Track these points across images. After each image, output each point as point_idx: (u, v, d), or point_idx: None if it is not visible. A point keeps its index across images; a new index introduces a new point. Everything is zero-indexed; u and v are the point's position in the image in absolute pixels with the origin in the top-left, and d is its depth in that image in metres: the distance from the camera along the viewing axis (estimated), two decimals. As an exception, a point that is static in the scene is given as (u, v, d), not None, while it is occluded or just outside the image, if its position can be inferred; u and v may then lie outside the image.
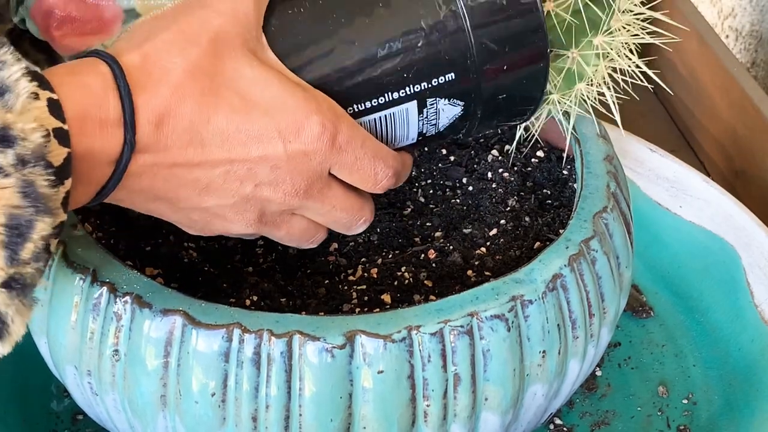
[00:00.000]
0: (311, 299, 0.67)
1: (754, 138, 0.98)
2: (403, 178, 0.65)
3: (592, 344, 0.67)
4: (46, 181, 0.52)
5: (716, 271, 0.85)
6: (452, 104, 0.62)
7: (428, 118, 0.63)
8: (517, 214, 0.72)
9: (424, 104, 0.62)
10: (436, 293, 0.67)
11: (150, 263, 0.69)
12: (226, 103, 0.58)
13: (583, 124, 0.73)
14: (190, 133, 0.57)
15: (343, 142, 0.60)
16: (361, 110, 0.62)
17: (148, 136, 0.56)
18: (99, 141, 0.55)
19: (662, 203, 0.89)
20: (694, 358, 0.82)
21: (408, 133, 0.63)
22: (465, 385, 0.62)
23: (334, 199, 0.62)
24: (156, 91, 0.56)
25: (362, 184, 0.63)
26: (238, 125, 0.58)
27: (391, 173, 0.63)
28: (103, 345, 0.63)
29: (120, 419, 0.65)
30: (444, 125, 0.63)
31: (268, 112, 0.58)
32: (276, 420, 0.61)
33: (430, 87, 0.61)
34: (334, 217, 0.63)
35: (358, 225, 0.65)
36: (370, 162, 0.62)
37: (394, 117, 0.62)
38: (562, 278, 0.64)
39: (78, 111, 0.55)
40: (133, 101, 0.56)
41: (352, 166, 0.61)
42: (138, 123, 0.56)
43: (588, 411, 0.77)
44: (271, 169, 0.59)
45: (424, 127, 0.63)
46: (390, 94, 0.61)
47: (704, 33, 1.06)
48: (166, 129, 0.57)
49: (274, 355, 0.60)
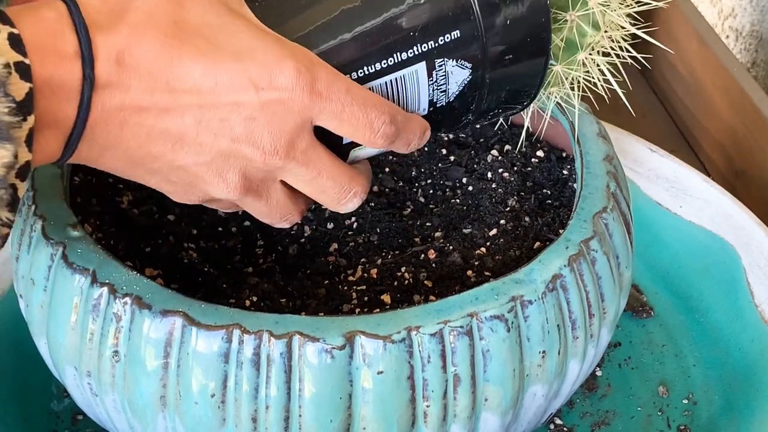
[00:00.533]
0: (311, 300, 0.67)
1: (754, 138, 0.98)
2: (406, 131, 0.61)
3: (592, 344, 0.67)
4: (7, 108, 0.52)
5: (716, 271, 0.85)
6: (460, 66, 0.62)
7: (438, 83, 0.62)
8: (517, 214, 0.72)
9: (432, 66, 0.61)
10: (435, 293, 0.67)
11: (150, 264, 0.69)
12: (192, 45, 0.56)
13: (583, 123, 0.73)
14: (153, 75, 0.56)
15: (323, 88, 0.57)
16: (370, 73, 0.60)
17: (108, 73, 0.55)
18: (58, 73, 0.54)
19: (662, 203, 0.89)
20: (694, 358, 0.82)
21: (419, 100, 0.62)
22: (465, 385, 0.62)
23: (320, 164, 0.60)
24: (114, 28, 0.55)
25: (357, 135, 0.60)
26: (205, 69, 0.56)
27: (387, 119, 0.59)
28: (103, 346, 0.63)
29: (120, 420, 0.65)
30: (454, 93, 0.63)
31: (238, 57, 0.57)
32: (276, 421, 0.61)
33: (437, 46, 0.61)
34: (321, 186, 0.60)
35: (347, 199, 0.62)
36: (360, 108, 0.59)
37: (404, 80, 0.61)
38: (561, 278, 0.64)
39: (35, 43, 0.54)
40: (90, 37, 0.55)
41: (340, 114, 0.58)
42: (97, 58, 0.55)
43: (588, 411, 0.77)
44: (245, 121, 0.57)
45: (435, 95, 0.62)
46: (398, 55, 0.60)
47: (704, 33, 1.06)
48: (128, 68, 0.55)
49: (274, 356, 0.60)
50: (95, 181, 0.73)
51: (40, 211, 0.66)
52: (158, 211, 0.73)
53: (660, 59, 1.12)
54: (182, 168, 0.59)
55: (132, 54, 0.55)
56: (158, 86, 0.56)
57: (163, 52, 0.56)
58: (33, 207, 0.67)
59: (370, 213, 0.73)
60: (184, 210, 0.73)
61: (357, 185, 0.61)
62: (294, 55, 0.57)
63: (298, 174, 0.60)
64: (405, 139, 0.62)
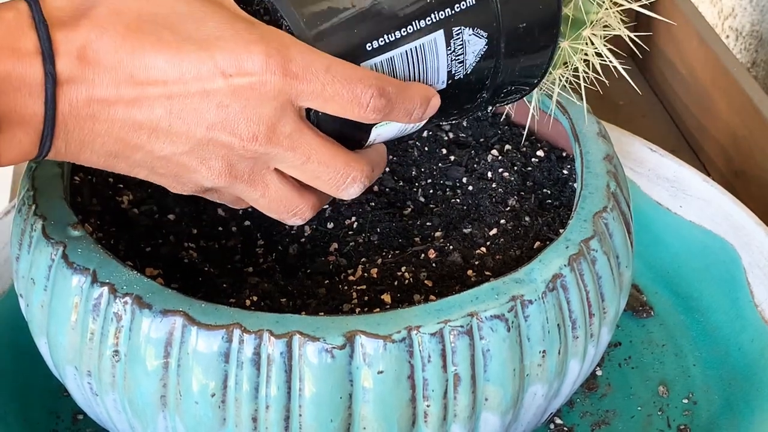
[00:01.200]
0: (311, 299, 0.67)
1: (754, 138, 0.98)
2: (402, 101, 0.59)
3: (592, 344, 0.67)
4: None
5: (716, 270, 0.85)
6: (477, 35, 0.62)
7: (455, 52, 0.61)
8: (517, 213, 0.72)
9: (450, 34, 0.61)
10: (436, 293, 0.67)
11: (150, 264, 0.69)
12: (154, 37, 0.56)
13: (583, 123, 0.73)
14: (116, 68, 0.56)
15: (298, 69, 0.56)
16: (389, 42, 0.60)
17: (70, 69, 0.55)
18: (17, 70, 0.54)
19: (662, 203, 0.89)
20: (694, 358, 0.82)
21: (438, 71, 0.62)
22: (465, 385, 0.62)
23: (307, 148, 0.58)
24: (76, 24, 0.55)
25: (346, 112, 0.58)
26: (168, 59, 0.56)
27: (375, 92, 0.58)
28: (103, 345, 0.63)
29: (120, 419, 0.65)
30: (471, 65, 0.62)
31: (203, 45, 0.56)
32: (276, 420, 0.61)
33: (454, 14, 0.61)
34: (314, 172, 0.59)
35: (346, 185, 0.60)
36: (344, 85, 0.57)
37: (423, 49, 0.61)
38: (562, 278, 0.64)
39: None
40: (50, 33, 0.55)
41: (321, 93, 0.57)
42: (57, 54, 0.55)
43: (588, 411, 0.77)
44: (218, 108, 0.56)
45: (453, 66, 0.62)
46: (416, 23, 0.60)
47: (704, 33, 1.06)
48: (90, 62, 0.55)
49: (274, 356, 0.60)
50: (95, 181, 0.73)
51: (40, 210, 0.66)
52: (158, 211, 0.73)
53: (660, 59, 1.12)
54: (164, 158, 0.58)
55: (93, 49, 0.55)
56: (122, 79, 0.56)
57: (125, 45, 0.56)
58: (33, 207, 0.67)
59: (370, 213, 0.73)
60: (184, 210, 0.74)
61: (354, 170, 0.60)
62: (264, 38, 0.57)
63: (287, 160, 0.59)
64: (403, 110, 0.60)
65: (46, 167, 0.69)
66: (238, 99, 0.56)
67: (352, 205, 0.74)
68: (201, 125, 0.57)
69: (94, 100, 0.56)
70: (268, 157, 0.59)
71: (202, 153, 0.58)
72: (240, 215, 0.74)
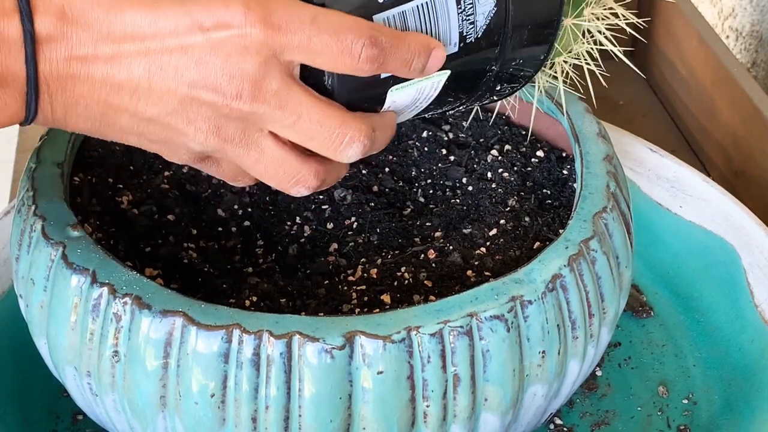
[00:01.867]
0: (311, 300, 0.67)
1: (754, 138, 0.98)
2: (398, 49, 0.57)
3: (591, 344, 0.67)
4: None
5: (716, 271, 0.85)
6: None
7: (466, 11, 0.60)
8: (517, 214, 0.72)
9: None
10: (435, 293, 0.67)
11: (150, 264, 0.69)
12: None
13: (583, 123, 0.73)
14: (93, 25, 0.55)
15: (280, 21, 0.54)
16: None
17: (48, 27, 0.55)
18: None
19: (662, 203, 0.89)
20: (694, 358, 0.82)
21: (450, 30, 0.60)
22: (464, 385, 0.62)
23: (297, 105, 0.56)
24: None
25: (337, 65, 0.56)
26: (145, 15, 0.55)
27: (367, 41, 0.55)
28: (103, 346, 0.63)
29: (120, 420, 0.65)
30: (482, 27, 0.61)
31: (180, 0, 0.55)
32: (275, 421, 0.61)
33: None
34: (307, 131, 0.57)
35: (343, 145, 0.57)
36: (332, 36, 0.55)
37: (434, 4, 0.59)
38: (561, 278, 0.64)
39: None
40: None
41: (308, 46, 0.55)
42: (36, 12, 0.54)
43: (588, 411, 0.77)
44: (197, 65, 0.55)
45: (464, 26, 0.60)
46: None
47: (704, 33, 1.06)
48: (69, 20, 0.55)
49: (274, 356, 0.60)
50: (95, 181, 0.74)
51: (40, 211, 0.66)
52: (158, 211, 0.73)
53: (660, 59, 1.12)
54: (151, 121, 0.57)
55: (71, 6, 0.55)
56: (100, 36, 0.55)
57: (102, 2, 0.55)
58: (33, 207, 0.67)
59: (370, 213, 0.73)
60: (183, 210, 0.74)
61: (351, 128, 0.57)
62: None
63: (277, 119, 0.56)
64: (400, 60, 0.57)
65: (46, 167, 0.69)
66: (218, 54, 0.55)
67: (352, 205, 0.74)
68: (182, 83, 0.55)
69: (73, 58, 0.55)
70: (257, 117, 0.57)
71: (188, 113, 0.56)
72: (240, 215, 0.74)
